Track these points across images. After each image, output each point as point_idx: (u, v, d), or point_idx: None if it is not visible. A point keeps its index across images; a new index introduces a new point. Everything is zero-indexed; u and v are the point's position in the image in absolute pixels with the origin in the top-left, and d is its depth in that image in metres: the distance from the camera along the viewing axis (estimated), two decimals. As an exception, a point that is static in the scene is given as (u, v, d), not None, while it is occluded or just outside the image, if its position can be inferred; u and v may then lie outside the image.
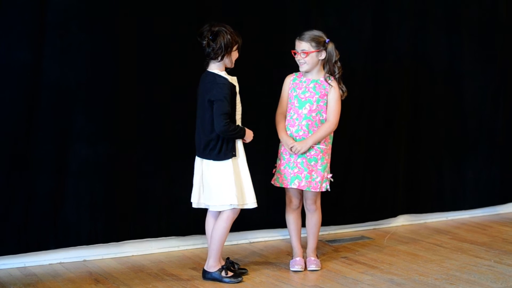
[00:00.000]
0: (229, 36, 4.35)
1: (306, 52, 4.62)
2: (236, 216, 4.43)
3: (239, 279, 4.42)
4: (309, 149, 4.64)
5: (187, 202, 4.54)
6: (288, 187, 4.70)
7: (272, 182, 4.79)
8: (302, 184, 4.65)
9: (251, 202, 4.41)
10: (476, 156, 6.33)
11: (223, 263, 4.50)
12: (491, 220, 6.28)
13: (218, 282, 4.40)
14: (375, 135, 5.76)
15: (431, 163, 6.10)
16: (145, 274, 4.58)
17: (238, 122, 4.44)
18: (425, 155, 6.07)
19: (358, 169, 5.69)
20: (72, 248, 4.78)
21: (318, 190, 4.69)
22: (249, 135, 4.45)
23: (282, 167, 4.71)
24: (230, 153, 4.36)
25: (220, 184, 4.36)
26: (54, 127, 4.64)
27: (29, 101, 4.54)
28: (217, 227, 4.42)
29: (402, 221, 6.05)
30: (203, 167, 4.43)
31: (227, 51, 4.36)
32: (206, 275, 4.45)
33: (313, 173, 4.65)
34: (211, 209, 4.46)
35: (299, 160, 4.65)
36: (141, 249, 5.03)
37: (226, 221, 4.40)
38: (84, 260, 4.83)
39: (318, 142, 4.65)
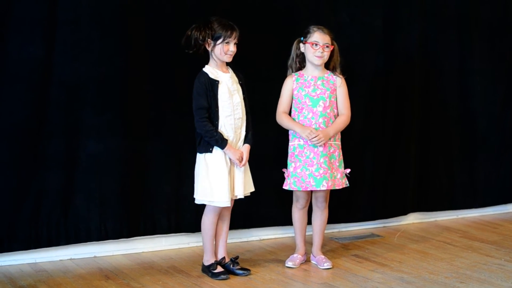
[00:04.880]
0: (198, 32, 4.37)
1: (332, 46, 4.63)
2: (219, 210, 4.45)
3: (223, 276, 4.42)
4: (328, 145, 4.63)
5: (197, 199, 4.54)
6: (316, 189, 4.65)
7: (286, 187, 4.71)
8: (330, 184, 4.61)
9: (219, 200, 4.38)
10: (487, 154, 6.31)
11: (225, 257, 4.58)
12: (501, 219, 6.26)
13: (225, 280, 4.41)
14: (386, 133, 5.75)
15: (441, 161, 6.09)
16: (155, 271, 4.59)
17: (229, 117, 4.41)
18: (436, 153, 6.06)
19: (368, 167, 5.68)
20: (83, 244, 4.80)
21: (340, 187, 4.69)
22: (231, 151, 4.39)
23: (298, 170, 4.64)
24: (206, 147, 4.38)
25: (203, 178, 4.41)
26: (65, 122, 4.65)
27: (40, 96, 4.56)
28: (202, 222, 4.51)
29: (412, 219, 6.04)
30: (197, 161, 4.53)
31: (198, 46, 4.40)
32: (202, 268, 4.55)
33: (333, 170, 4.64)
34: (196, 202, 4.49)
35: (322, 160, 4.60)
36: (151, 246, 5.04)
37: (207, 215, 4.47)
38: (95, 256, 4.84)
39: (334, 138, 4.64)
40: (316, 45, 4.61)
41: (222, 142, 4.35)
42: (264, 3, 5.21)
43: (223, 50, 4.39)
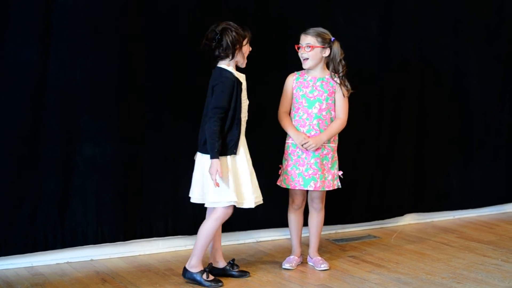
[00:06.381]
0: (234, 33, 4.32)
1: (312, 46, 4.61)
2: (227, 217, 4.35)
3: (220, 284, 4.35)
4: (321, 146, 4.63)
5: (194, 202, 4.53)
6: (303, 189, 4.68)
7: (278, 184, 4.77)
8: (318, 185, 4.63)
9: (248, 201, 4.35)
10: (483, 155, 6.33)
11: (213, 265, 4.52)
12: (498, 219, 6.27)
13: (198, 285, 4.35)
14: (382, 134, 5.75)
15: (438, 162, 6.10)
16: (152, 274, 4.58)
17: (244, 119, 4.39)
18: (432, 154, 6.07)
19: (365, 168, 5.68)
20: (79, 247, 4.79)
21: (331, 188, 4.69)
22: (214, 163, 4.21)
23: (289, 168, 4.69)
24: (229, 150, 4.30)
25: (222, 180, 4.27)
26: (61, 126, 4.64)
27: (36, 101, 4.55)
28: (205, 226, 4.35)
29: (409, 220, 6.04)
30: (203, 162, 4.37)
31: (235, 48, 4.34)
32: (186, 274, 4.38)
33: (325, 172, 4.65)
34: (206, 205, 4.37)
35: (312, 161, 4.63)
36: (148, 249, 5.03)
37: (216, 220, 4.33)
38: (91, 260, 4.84)
39: (329, 140, 4.64)
40: (299, 48, 4.66)
41: (217, 152, 4.22)
42: (260, 5, 5.21)
43: (246, 52, 4.41)
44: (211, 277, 4.36)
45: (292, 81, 4.74)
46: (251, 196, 4.35)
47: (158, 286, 4.34)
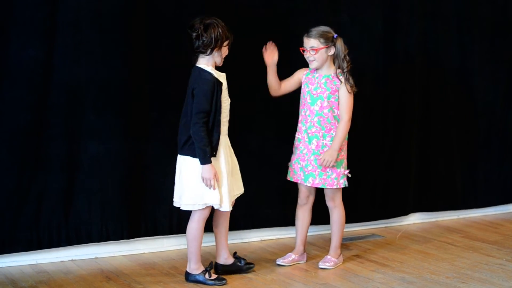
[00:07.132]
0: (220, 30, 4.26)
1: (316, 49, 4.60)
2: (207, 215, 4.35)
3: (223, 281, 4.35)
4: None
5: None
6: (303, 183, 4.68)
7: (287, 178, 4.78)
8: (317, 182, 4.63)
9: (225, 205, 4.31)
10: (488, 154, 6.31)
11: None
12: (502, 219, 6.26)
13: (202, 284, 4.34)
14: (387, 133, 5.75)
15: (442, 162, 6.09)
16: (157, 272, 4.59)
17: (225, 119, 4.34)
18: (437, 154, 6.06)
19: (370, 167, 5.68)
20: (84, 245, 4.80)
21: (334, 187, 4.68)
22: (208, 169, 4.19)
23: (293, 162, 4.71)
24: (211, 152, 4.23)
25: (197, 182, 4.24)
26: (65, 124, 4.65)
27: (40, 99, 4.56)
28: (190, 230, 4.34)
29: (413, 219, 6.03)
30: (181, 164, 4.33)
31: (216, 44, 4.26)
32: (189, 278, 4.38)
33: (327, 170, 4.64)
34: (183, 208, 4.32)
35: (312, 157, 4.63)
36: (152, 247, 5.04)
37: (198, 222, 4.32)
38: (96, 258, 4.84)
39: (331, 138, 4.63)
40: (304, 51, 4.64)
41: (209, 152, 4.20)
42: (264, 5, 5.20)
43: (224, 53, 4.35)
44: (214, 276, 4.37)
45: (302, 75, 4.74)
46: (227, 199, 4.32)
47: (162, 284, 4.34)
